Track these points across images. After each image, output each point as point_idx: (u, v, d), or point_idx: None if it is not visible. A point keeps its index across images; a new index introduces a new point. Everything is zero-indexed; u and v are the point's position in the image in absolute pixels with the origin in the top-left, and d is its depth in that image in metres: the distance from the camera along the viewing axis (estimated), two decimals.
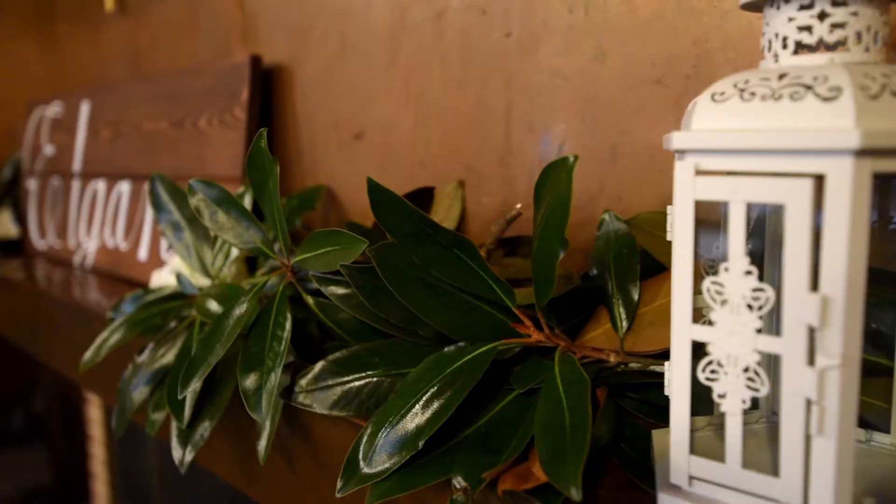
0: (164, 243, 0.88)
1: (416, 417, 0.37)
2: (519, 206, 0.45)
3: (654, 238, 0.42)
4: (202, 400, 0.51)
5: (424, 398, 0.38)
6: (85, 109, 1.11)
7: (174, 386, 0.52)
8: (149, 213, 0.91)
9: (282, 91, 0.76)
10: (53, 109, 1.22)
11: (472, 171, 0.57)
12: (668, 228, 0.35)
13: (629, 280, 0.41)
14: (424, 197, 0.57)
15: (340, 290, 0.44)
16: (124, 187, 0.98)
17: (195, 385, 0.43)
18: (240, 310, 0.45)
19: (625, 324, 0.41)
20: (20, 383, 1.91)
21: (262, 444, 0.46)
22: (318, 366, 0.44)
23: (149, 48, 1.03)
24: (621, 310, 0.41)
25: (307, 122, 0.73)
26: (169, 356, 0.57)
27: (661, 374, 0.40)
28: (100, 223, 1.03)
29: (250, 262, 0.70)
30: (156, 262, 0.89)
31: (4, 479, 1.85)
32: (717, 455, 0.30)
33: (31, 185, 1.27)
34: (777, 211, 0.33)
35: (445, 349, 0.42)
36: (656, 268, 0.43)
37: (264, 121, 0.78)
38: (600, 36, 0.46)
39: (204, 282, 0.64)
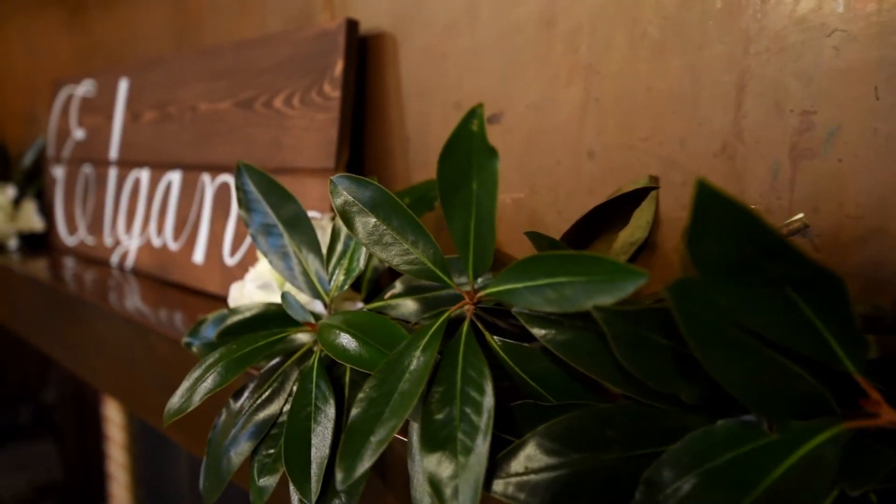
0: (226, 245, 0.75)
1: None
2: (801, 215, 0.32)
3: None
4: (332, 464, 0.38)
5: None
6: (123, 88, 0.98)
7: (296, 448, 0.39)
8: (207, 209, 0.78)
9: (380, 64, 0.63)
10: (84, 88, 1.08)
11: (672, 165, 0.43)
12: None
13: None
14: (629, 201, 0.43)
15: (564, 335, 0.31)
16: (174, 178, 0.85)
17: (364, 469, 0.30)
18: (415, 361, 0.32)
19: None
20: (29, 376, 1.83)
21: None
22: (530, 442, 0.31)
23: (200, 16, 0.90)
24: None
25: (417, 101, 0.60)
26: (276, 402, 0.44)
27: None
28: (143, 218, 0.90)
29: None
30: (215, 265, 0.76)
31: (16, 473, 1.79)
32: None
33: (58, 173, 1.13)
34: None
35: (719, 423, 0.29)
36: None
37: (358, 100, 0.65)
38: None
39: (304, 299, 0.51)
